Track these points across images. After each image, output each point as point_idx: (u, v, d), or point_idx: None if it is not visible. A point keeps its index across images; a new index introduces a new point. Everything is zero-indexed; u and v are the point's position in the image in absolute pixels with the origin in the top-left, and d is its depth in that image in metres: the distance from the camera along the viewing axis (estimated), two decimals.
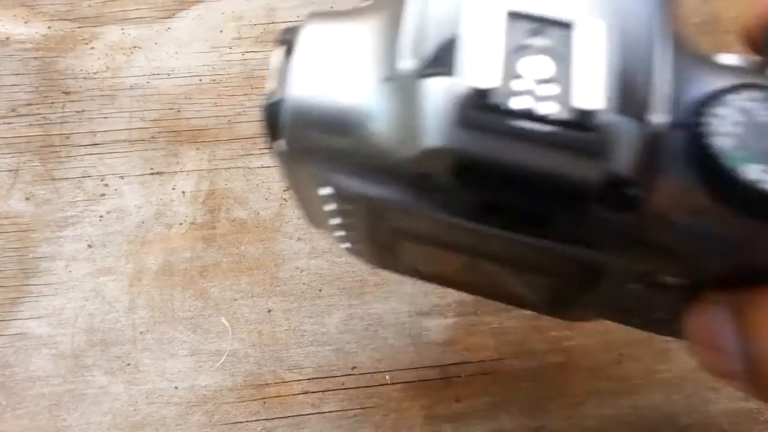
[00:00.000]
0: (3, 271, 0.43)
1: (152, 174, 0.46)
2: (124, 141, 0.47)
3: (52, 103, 0.48)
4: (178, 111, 0.48)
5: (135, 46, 0.50)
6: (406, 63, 0.17)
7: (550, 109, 0.16)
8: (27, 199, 0.45)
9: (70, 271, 0.43)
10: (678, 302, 0.20)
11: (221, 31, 0.50)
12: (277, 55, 0.19)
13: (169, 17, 0.51)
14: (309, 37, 0.19)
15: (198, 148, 0.46)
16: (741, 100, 0.17)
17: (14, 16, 0.51)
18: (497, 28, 0.16)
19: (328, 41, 0.19)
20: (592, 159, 0.16)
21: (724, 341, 0.19)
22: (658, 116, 0.17)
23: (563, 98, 0.16)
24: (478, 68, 0.16)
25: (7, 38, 0.50)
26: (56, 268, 0.43)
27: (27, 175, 0.46)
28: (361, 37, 0.19)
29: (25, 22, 0.51)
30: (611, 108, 0.16)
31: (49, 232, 0.44)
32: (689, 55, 0.18)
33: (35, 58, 0.50)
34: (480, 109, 0.16)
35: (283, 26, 0.20)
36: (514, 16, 0.16)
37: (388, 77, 0.18)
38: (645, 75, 0.16)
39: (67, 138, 0.47)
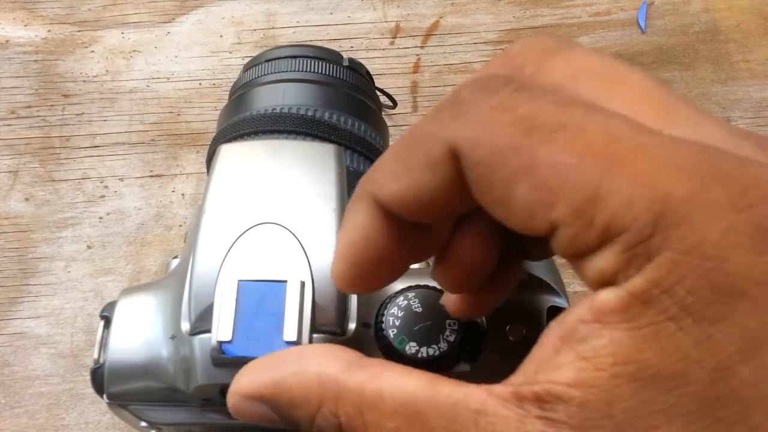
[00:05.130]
0: (2, 271, 0.43)
1: (152, 176, 0.46)
2: (124, 143, 0.47)
3: (51, 105, 0.48)
4: (178, 114, 0.48)
5: (135, 50, 0.51)
6: (185, 325, 0.25)
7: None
8: (27, 200, 0.45)
9: (69, 272, 0.43)
10: None
11: (221, 36, 0.51)
12: (99, 328, 0.27)
13: (169, 22, 0.52)
14: (122, 312, 0.27)
15: (198, 151, 0.47)
16: (403, 299, 0.26)
17: (14, 19, 0.52)
18: (230, 294, 0.24)
19: (136, 313, 0.27)
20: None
21: None
22: (351, 324, 0.25)
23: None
24: (219, 326, 0.23)
25: (7, 41, 0.51)
26: (55, 269, 0.43)
27: (27, 176, 0.46)
28: (159, 306, 0.27)
29: (25, 26, 0.51)
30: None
31: (48, 232, 0.44)
32: None
33: (35, 61, 0.50)
34: (225, 353, 0.24)
35: (282, 31, 0.21)
36: (243, 282, 0.24)
37: (173, 335, 0.26)
38: (336, 302, 0.25)
39: (67, 140, 0.47)
